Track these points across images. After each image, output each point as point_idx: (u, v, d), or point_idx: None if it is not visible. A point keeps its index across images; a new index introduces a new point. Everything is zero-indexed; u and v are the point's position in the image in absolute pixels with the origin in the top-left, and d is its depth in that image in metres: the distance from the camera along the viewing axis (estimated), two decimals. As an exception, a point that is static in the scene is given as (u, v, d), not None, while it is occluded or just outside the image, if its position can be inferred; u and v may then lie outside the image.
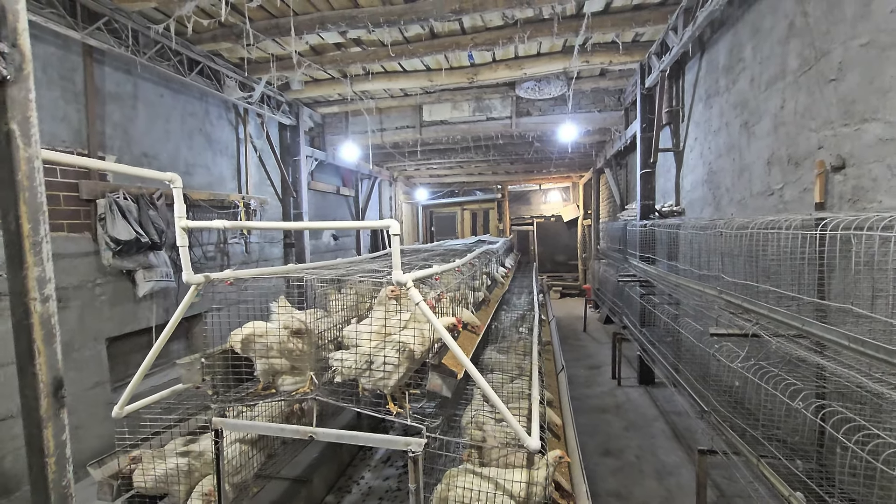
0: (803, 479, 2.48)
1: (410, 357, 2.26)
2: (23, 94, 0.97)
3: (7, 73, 0.94)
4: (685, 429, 5.36)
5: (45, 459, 0.99)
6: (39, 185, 1.00)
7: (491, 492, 2.16)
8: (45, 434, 0.99)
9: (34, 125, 0.99)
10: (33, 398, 0.99)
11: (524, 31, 5.68)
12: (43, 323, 0.99)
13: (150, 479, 2.52)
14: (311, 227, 2.76)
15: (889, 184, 2.64)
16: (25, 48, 0.98)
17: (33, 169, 0.98)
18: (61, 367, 1.03)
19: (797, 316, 2.40)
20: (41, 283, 0.99)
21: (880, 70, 2.71)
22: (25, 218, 0.97)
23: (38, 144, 1.01)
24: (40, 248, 0.99)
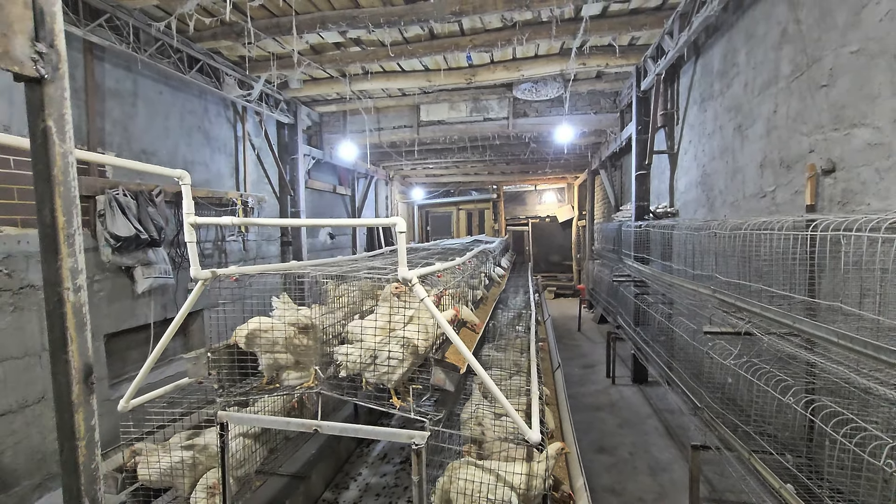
0: (794, 472, 2.56)
1: (414, 352, 2.32)
2: (59, 93, 1.01)
3: (45, 73, 0.99)
4: (678, 426, 5.45)
5: (76, 443, 1.04)
6: (73, 179, 1.04)
7: (492, 483, 2.22)
8: (77, 419, 1.04)
9: (69, 122, 1.03)
10: (65, 384, 1.03)
11: (523, 34, 5.75)
12: (75, 312, 1.03)
13: (154, 472, 2.55)
14: (318, 223, 2.80)
15: (877, 187, 2.73)
16: (61, 49, 1.02)
17: (68, 164, 1.03)
18: (91, 355, 1.07)
19: (788, 314, 2.49)
20: (74, 273, 1.03)
21: (869, 77, 2.80)
22: (60, 211, 1.01)
23: (72, 141, 1.05)
24: (73, 240, 1.04)
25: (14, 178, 4.08)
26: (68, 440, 1.04)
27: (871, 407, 2.31)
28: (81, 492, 1.05)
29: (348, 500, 4.30)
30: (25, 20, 0.95)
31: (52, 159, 1.00)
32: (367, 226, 10.99)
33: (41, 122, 1.00)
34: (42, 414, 4.23)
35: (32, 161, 1.01)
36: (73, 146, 1.05)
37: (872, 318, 2.17)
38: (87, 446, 1.05)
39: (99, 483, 1.09)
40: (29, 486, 4.09)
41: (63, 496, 1.08)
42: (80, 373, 1.04)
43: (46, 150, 1.00)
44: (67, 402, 1.03)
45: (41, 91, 0.99)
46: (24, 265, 4.11)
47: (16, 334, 4.04)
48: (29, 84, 0.99)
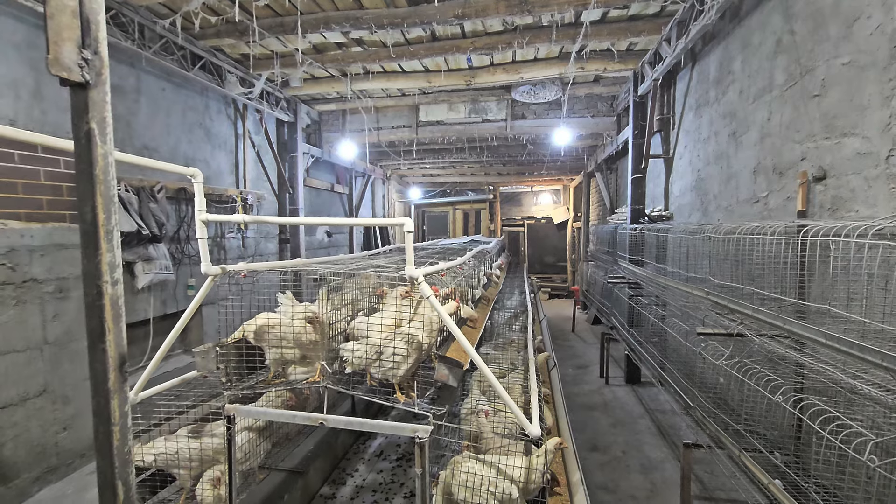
0: (783, 469, 2.66)
1: (418, 348, 2.39)
2: (101, 97, 1.08)
3: (90, 78, 1.05)
4: (670, 426, 5.56)
5: (112, 427, 1.10)
6: (112, 178, 1.10)
7: (493, 477, 2.29)
8: (112, 405, 1.09)
9: (110, 125, 1.10)
10: (102, 372, 1.09)
11: (523, 37, 5.83)
12: (113, 304, 1.09)
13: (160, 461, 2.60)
14: (328, 223, 2.86)
15: (865, 194, 2.83)
16: (104, 55, 1.08)
17: (108, 164, 1.09)
18: (125, 344, 1.13)
19: (779, 316, 2.58)
20: (112, 267, 1.09)
21: (860, 88, 2.90)
22: (101, 208, 1.07)
23: (111, 142, 1.11)
24: (112, 236, 1.10)
25: (18, 173, 4.10)
26: (104, 424, 1.10)
27: (856, 406, 2.41)
28: (115, 475, 1.11)
29: (345, 496, 4.36)
30: (73, 28, 1.01)
31: (95, 160, 1.06)
32: (376, 225, 11.05)
33: (84, 124, 1.06)
34: (43, 407, 4.26)
35: (76, 161, 1.08)
36: (112, 147, 1.11)
37: (859, 321, 2.27)
38: (120, 431, 1.11)
39: (131, 467, 1.15)
40: (29, 478, 4.11)
41: (97, 478, 1.14)
42: (116, 361, 1.10)
43: (90, 151, 1.06)
44: (104, 389, 1.09)
45: (86, 95, 1.05)
46: (27, 259, 4.14)
47: (18, 328, 4.07)
48: (74, 89, 1.06)
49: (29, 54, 4.22)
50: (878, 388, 2.01)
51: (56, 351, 4.39)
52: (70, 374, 4.52)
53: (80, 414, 4.59)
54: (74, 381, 4.56)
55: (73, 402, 4.53)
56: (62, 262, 4.44)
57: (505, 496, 2.28)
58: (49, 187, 4.36)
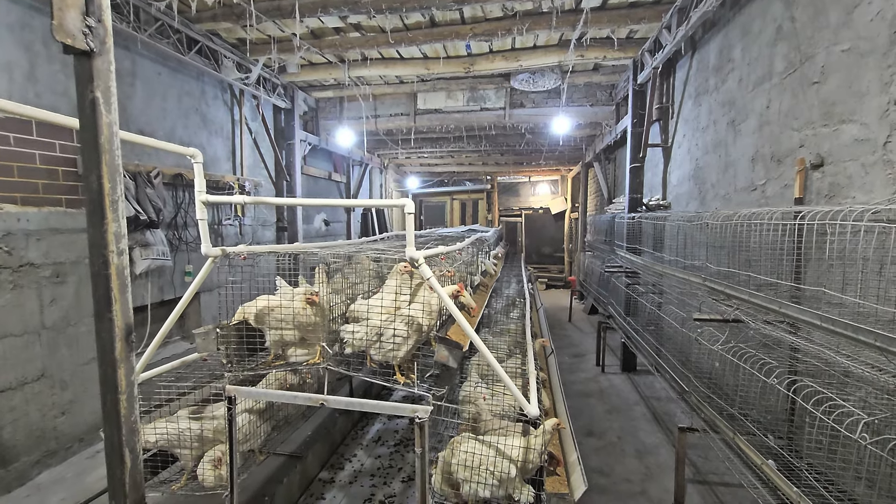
0: (777, 451, 2.71)
1: (418, 330, 2.40)
2: (105, 66, 1.07)
3: (94, 46, 1.04)
4: (664, 412, 5.63)
5: (118, 396, 1.11)
6: (117, 148, 1.10)
7: (492, 456, 2.32)
8: (119, 374, 1.10)
9: (114, 94, 1.09)
10: (109, 341, 1.10)
11: (523, 24, 5.79)
12: (118, 273, 1.10)
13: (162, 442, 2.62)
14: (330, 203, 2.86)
15: (862, 181, 2.85)
16: (108, 23, 1.07)
17: (113, 133, 1.09)
18: (132, 314, 1.13)
19: (775, 300, 2.61)
20: (118, 237, 1.10)
21: (859, 75, 2.91)
22: (106, 178, 1.07)
23: (116, 112, 1.11)
24: (117, 206, 1.10)
25: (14, 156, 4.07)
26: (111, 393, 1.11)
27: (849, 387, 2.45)
28: (122, 442, 1.12)
29: (343, 480, 4.40)
30: (77, -5, 1.00)
31: (100, 129, 1.06)
32: (375, 206, 11.03)
33: (89, 93, 1.05)
34: (41, 392, 4.26)
35: (80, 131, 1.07)
36: (117, 117, 1.11)
37: (854, 303, 2.30)
38: (127, 400, 1.12)
39: (138, 435, 1.16)
40: (28, 462, 4.13)
41: (105, 447, 1.15)
42: (122, 331, 1.11)
43: (94, 120, 1.06)
44: (111, 359, 1.10)
45: (90, 64, 1.04)
46: (23, 243, 4.12)
47: (15, 312, 4.06)
48: (78, 57, 1.05)
49: (23, 35, 4.16)
50: (871, 368, 2.04)
51: (54, 335, 4.38)
52: (68, 358, 4.52)
53: (78, 399, 4.61)
54: (72, 366, 4.57)
55: (71, 387, 4.54)
56: (58, 246, 4.42)
57: (504, 475, 2.31)
58: (45, 171, 4.32)
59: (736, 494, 3.95)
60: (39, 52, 4.28)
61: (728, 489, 4.04)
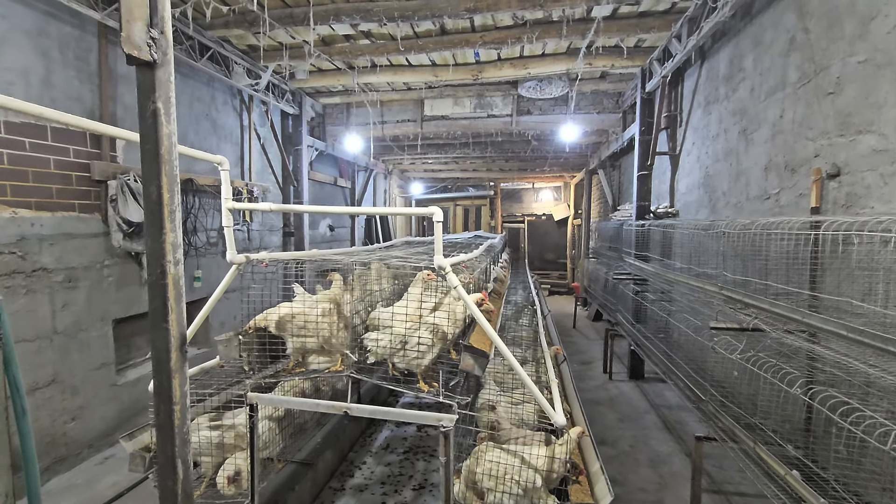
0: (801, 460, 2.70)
1: (443, 338, 2.40)
2: (166, 77, 1.08)
3: (156, 57, 1.05)
4: (676, 421, 5.61)
5: (173, 406, 1.10)
6: (175, 158, 1.11)
7: (517, 466, 2.31)
8: (174, 384, 1.10)
9: (173, 105, 1.10)
10: (164, 351, 1.10)
11: (533, 32, 5.83)
12: (175, 283, 1.10)
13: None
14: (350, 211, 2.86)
15: (881, 191, 2.87)
16: (170, 35, 1.08)
17: (172, 144, 1.09)
18: (186, 324, 1.13)
19: (798, 309, 2.61)
20: (175, 247, 1.10)
21: (876, 86, 2.93)
22: (166, 188, 1.08)
23: (175, 123, 1.11)
24: (175, 216, 1.10)
25: (29, 161, 4.07)
26: (165, 403, 1.11)
27: (872, 397, 2.45)
28: (175, 453, 1.12)
29: (354, 488, 4.38)
30: (143, 7, 1.01)
31: (161, 139, 1.07)
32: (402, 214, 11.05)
33: (151, 103, 1.06)
34: (52, 397, 4.24)
35: (141, 141, 1.08)
36: (175, 128, 1.12)
37: (875, 313, 2.30)
38: (181, 410, 1.12)
39: (189, 446, 1.16)
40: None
41: (158, 457, 1.14)
42: (178, 340, 1.11)
43: (156, 131, 1.06)
44: (166, 368, 1.10)
45: (152, 75, 1.05)
46: (37, 248, 4.11)
47: (28, 317, 4.05)
48: (140, 68, 1.06)
49: (39, 42, 4.18)
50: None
51: (65, 341, 4.37)
52: (79, 364, 4.50)
53: (88, 404, 4.58)
54: (83, 372, 4.55)
55: (82, 393, 4.52)
56: (71, 251, 4.42)
57: (529, 485, 2.30)
58: (59, 176, 4.33)
59: (751, 504, 3.93)
60: (55, 58, 4.30)
61: (744, 499, 4.02)
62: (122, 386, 5.00)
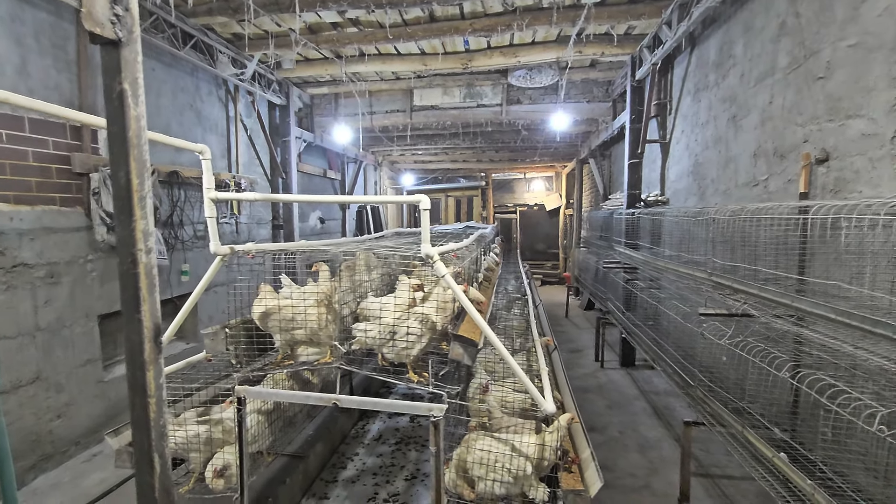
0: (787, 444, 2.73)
1: (432, 328, 2.37)
2: (133, 56, 1.02)
3: (121, 36, 0.99)
4: (665, 407, 5.66)
5: (147, 399, 1.06)
6: (145, 143, 1.06)
7: (508, 453, 2.31)
8: (148, 376, 1.06)
9: (142, 86, 1.05)
10: (138, 343, 1.05)
11: (523, 19, 5.76)
12: (147, 273, 1.05)
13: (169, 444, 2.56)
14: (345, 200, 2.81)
15: (869, 175, 2.87)
16: (135, 12, 1.03)
17: (141, 127, 1.04)
18: (160, 315, 1.09)
19: (786, 294, 2.62)
20: (146, 235, 1.05)
21: (866, 70, 2.93)
22: (135, 173, 1.03)
23: (143, 105, 1.06)
24: (145, 203, 1.06)
25: (6, 153, 3.96)
26: (139, 397, 1.07)
27: (858, 379, 2.47)
28: (152, 447, 1.08)
29: (346, 479, 4.37)
30: (105, -19, 0.96)
31: (128, 123, 1.02)
32: (390, 202, 10.98)
33: (117, 84, 1.01)
34: (36, 395, 4.17)
35: (108, 124, 1.03)
36: (144, 111, 1.07)
37: (862, 296, 2.31)
38: (156, 403, 1.08)
39: (167, 440, 1.12)
40: (23, 466, 4.04)
41: (134, 452, 1.11)
42: (151, 332, 1.07)
43: (122, 113, 1.01)
44: (140, 360, 1.06)
45: (117, 54, 1.00)
46: (16, 243, 4.01)
47: (8, 314, 3.96)
48: (105, 47, 1.00)
49: (14, 28, 4.05)
50: (887, 360, 2.06)
51: (48, 338, 4.29)
52: (63, 361, 4.42)
53: (73, 401, 4.51)
54: (68, 369, 4.47)
55: (67, 390, 4.45)
56: (52, 246, 4.32)
57: (520, 472, 2.30)
58: (38, 169, 4.22)
59: (739, 487, 3.98)
60: (31, 46, 4.17)
61: (731, 482, 4.07)
62: (110, 382, 4.92)
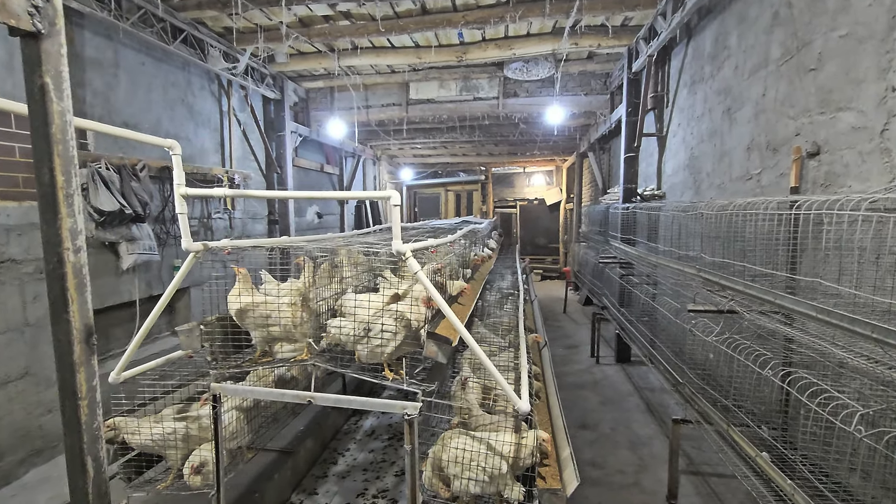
0: (770, 443, 2.69)
1: (407, 326, 2.34)
2: (55, 48, 0.99)
3: (42, 28, 0.96)
4: (658, 403, 5.62)
5: (79, 402, 1.04)
6: (71, 138, 1.03)
7: (483, 452, 2.28)
8: (78, 378, 1.04)
9: (66, 80, 1.01)
10: (66, 344, 1.03)
11: (516, 11, 5.68)
12: (75, 272, 1.03)
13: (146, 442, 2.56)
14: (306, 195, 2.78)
15: (858, 169, 2.80)
16: (58, 4, 0.99)
17: (66, 123, 1.01)
18: (91, 316, 1.06)
19: (770, 291, 2.57)
20: (73, 233, 1.02)
21: (856, 61, 2.85)
22: (59, 170, 1.00)
23: (69, 99, 1.03)
24: (73, 200, 1.02)
25: (-9, 149, 3.95)
26: (70, 399, 1.05)
27: (844, 378, 2.42)
28: (84, 450, 1.06)
29: (336, 475, 4.37)
30: (19, -30, 0.92)
31: (50, 117, 0.98)
32: (357, 199, 10.93)
33: (38, 78, 0.97)
34: (25, 390, 4.18)
35: (30, 119, 0.99)
36: (70, 105, 1.03)
37: (850, 294, 2.26)
38: (88, 406, 1.06)
39: (101, 442, 1.10)
40: (13, 461, 4.06)
41: (66, 455, 1.09)
42: (82, 333, 1.05)
43: (44, 108, 0.98)
44: (69, 362, 1.03)
45: (38, 47, 0.96)
46: (3, 238, 4.01)
47: (-3, 309, 3.96)
48: (25, 39, 0.97)
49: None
50: (867, 359, 2.01)
51: (37, 333, 4.29)
52: (48, 358, 4.43)
53: (65, 396, 4.53)
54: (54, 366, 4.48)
55: (56, 386, 4.46)
56: (40, 241, 4.31)
57: (495, 472, 2.27)
58: (24, 164, 4.20)
59: (729, 485, 3.95)
60: (15, 41, 4.13)
61: (721, 480, 4.04)
62: (102, 378, 4.93)
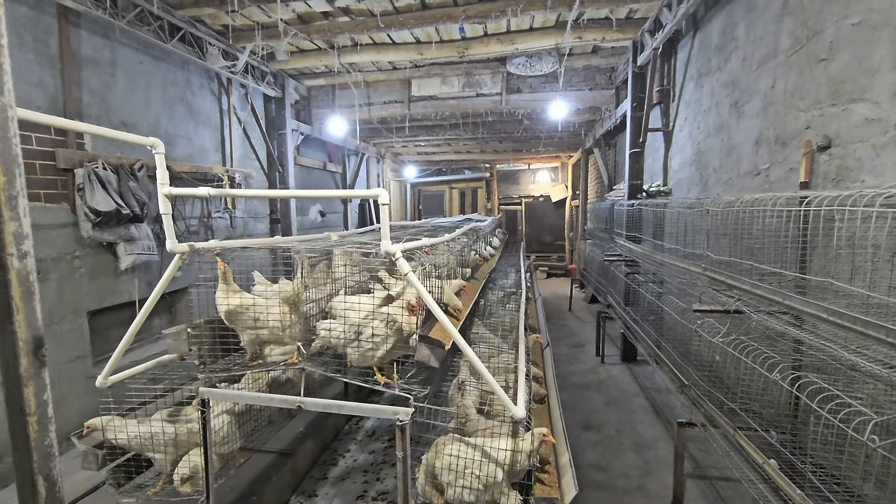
0: (778, 448, 2.58)
1: (398, 329, 2.27)
2: (-7, 39, 0.91)
3: (-25, 14, 0.88)
4: (664, 404, 5.51)
5: (27, 419, 0.97)
6: (14, 136, 0.95)
7: (478, 459, 2.20)
8: (26, 393, 0.97)
9: (7, 73, 0.94)
10: (12, 356, 0.96)
11: (517, 4, 5.56)
12: (21, 279, 0.96)
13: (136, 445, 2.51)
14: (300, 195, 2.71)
15: (872, 163, 2.68)
16: (-6, -12, 0.92)
17: (7, 119, 0.94)
18: (41, 326, 1.00)
19: (779, 291, 2.46)
20: (18, 238, 0.95)
21: (870, 50, 2.72)
22: (0, 171, 0.93)
23: (11, 94, 0.95)
24: (16, 203, 0.95)
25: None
26: (17, 416, 0.98)
27: (856, 383, 2.31)
28: (34, 469, 0.99)
29: (335, 476, 4.32)
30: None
31: (-12, 113, 0.91)
32: (348, 197, 10.85)
33: (-27, 70, 0.90)
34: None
35: (-35, 114, 0.92)
36: (12, 100, 0.96)
37: (863, 295, 2.14)
38: (38, 422, 0.99)
39: (54, 460, 1.03)
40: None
41: (16, 476, 1.02)
42: (29, 345, 0.97)
43: (-20, 102, 0.91)
44: (15, 376, 0.96)
45: (-29, 35, 0.89)
46: None
47: (-6, 310, 3.94)
48: (-43, 27, 0.90)
49: (-8, 23, 3.98)
50: (881, 364, 1.90)
51: None
52: (51, 357, 4.40)
53: (63, 398, 4.51)
54: (56, 365, 4.47)
55: (56, 386, 4.44)
56: (38, 242, 4.29)
57: (490, 479, 2.19)
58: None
59: (737, 490, 3.84)
60: (11, 41, 4.07)
61: (729, 484, 3.93)
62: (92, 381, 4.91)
